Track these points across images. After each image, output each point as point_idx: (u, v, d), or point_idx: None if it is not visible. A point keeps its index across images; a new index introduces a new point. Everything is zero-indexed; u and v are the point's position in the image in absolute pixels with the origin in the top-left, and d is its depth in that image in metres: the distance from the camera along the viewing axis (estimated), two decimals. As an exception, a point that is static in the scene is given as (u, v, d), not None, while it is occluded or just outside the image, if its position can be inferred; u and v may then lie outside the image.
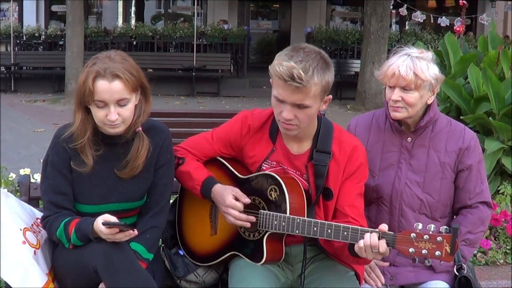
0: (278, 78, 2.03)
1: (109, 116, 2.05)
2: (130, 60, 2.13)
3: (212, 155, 2.41)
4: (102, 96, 2.04)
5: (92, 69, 2.05)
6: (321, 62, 2.04)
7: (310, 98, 2.04)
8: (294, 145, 2.26)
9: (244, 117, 2.34)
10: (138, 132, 2.19)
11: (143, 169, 2.20)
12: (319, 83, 2.03)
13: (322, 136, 2.23)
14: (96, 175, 2.17)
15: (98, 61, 2.07)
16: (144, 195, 2.26)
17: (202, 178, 2.29)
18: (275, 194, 2.16)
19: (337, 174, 2.20)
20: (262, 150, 2.29)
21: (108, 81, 2.03)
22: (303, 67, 1.99)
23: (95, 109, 2.07)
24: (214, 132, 2.41)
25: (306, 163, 2.23)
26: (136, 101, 2.15)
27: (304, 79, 1.98)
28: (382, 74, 2.37)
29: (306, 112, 2.08)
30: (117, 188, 2.19)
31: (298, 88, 2.01)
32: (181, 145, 2.45)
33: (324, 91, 2.07)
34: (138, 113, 2.16)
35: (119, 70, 2.05)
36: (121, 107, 2.07)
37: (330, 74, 2.06)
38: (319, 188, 2.19)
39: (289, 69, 1.99)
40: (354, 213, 2.19)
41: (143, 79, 2.16)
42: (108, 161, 2.18)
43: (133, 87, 2.08)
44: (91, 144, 2.15)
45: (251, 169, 2.32)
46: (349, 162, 2.20)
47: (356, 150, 2.22)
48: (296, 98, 2.04)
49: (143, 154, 2.18)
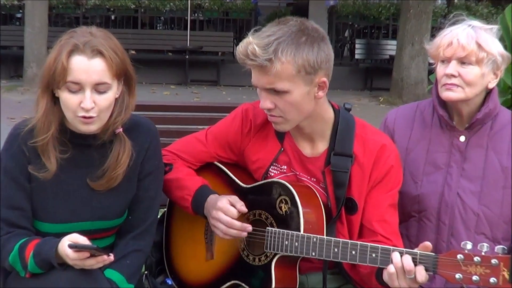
0: (241, 60, 2.09)
1: (83, 102, 2.04)
2: (115, 40, 2.14)
3: (207, 160, 2.42)
4: (77, 76, 2.03)
5: (67, 42, 2.05)
6: (296, 36, 2.06)
7: (283, 81, 2.07)
8: (306, 146, 2.28)
9: (244, 111, 2.36)
10: (118, 134, 2.19)
11: (124, 179, 2.20)
12: (292, 62, 2.04)
13: (340, 134, 2.23)
14: (63, 185, 2.17)
15: (75, 34, 2.08)
16: (124, 211, 2.26)
17: (194, 187, 2.30)
18: (285, 207, 2.16)
19: (361, 181, 2.20)
20: (268, 152, 2.31)
21: (87, 58, 2.03)
22: (262, 42, 2.03)
23: (66, 95, 2.06)
24: (209, 131, 2.43)
25: (323, 168, 2.24)
26: (117, 92, 2.14)
27: (261, 56, 2.02)
28: (435, 45, 2.38)
29: (286, 99, 2.10)
30: (90, 202, 2.19)
31: (262, 69, 2.05)
32: (168, 148, 2.46)
33: (306, 72, 2.08)
34: (119, 108, 2.15)
35: (102, 46, 2.05)
36: (99, 94, 2.06)
37: (312, 50, 2.06)
38: (340, 199, 2.19)
39: (246, 45, 2.05)
40: (386, 230, 2.19)
41: (129, 66, 2.16)
42: (78, 167, 2.18)
43: (116, 71, 2.09)
44: (55, 143, 2.14)
45: (255, 176, 2.33)
46: (376, 165, 2.21)
47: (385, 149, 2.22)
48: (264, 81, 2.09)
49: (124, 161, 2.18)
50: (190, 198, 2.29)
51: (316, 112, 2.20)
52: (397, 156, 2.26)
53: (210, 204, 2.24)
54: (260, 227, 2.21)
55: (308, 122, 2.21)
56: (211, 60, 14.17)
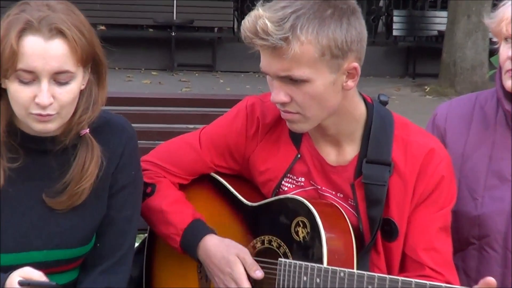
0: (248, 38, 2.08)
1: (38, 97, 2.04)
2: (81, 15, 2.14)
3: (201, 171, 2.43)
4: (31, 63, 2.02)
5: (17, 18, 2.05)
6: (320, 8, 2.06)
7: (302, 66, 2.06)
8: (330, 151, 2.28)
9: (249, 106, 2.37)
10: (84, 136, 2.21)
11: (91, 195, 2.21)
12: (314, 42, 2.04)
13: (375, 136, 2.24)
14: (12, 204, 2.17)
15: (28, 7, 2.08)
16: (91, 237, 2.27)
17: (182, 223, 2.32)
18: (303, 231, 2.17)
19: (403, 197, 2.21)
20: (280, 160, 2.31)
21: (44, 39, 2.03)
22: (275, 16, 2.03)
23: (16, 86, 2.06)
24: (203, 133, 2.43)
25: (352, 180, 2.24)
26: (83, 82, 2.15)
27: (274, 34, 2.01)
28: (497, 18, 2.39)
29: (306, 91, 2.10)
30: (47, 225, 2.19)
31: (275, 51, 2.05)
32: (148, 157, 2.47)
33: (332, 55, 2.08)
34: (86, 104, 2.16)
35: (64, 24, 2.05)
36: (60, 86, 2.07)
37: (339, 27, 2.07)
38: (375, 221, 2.20)
39: (254, 20, 2.04)
40: (435, 260, 2.20)
41: (98, 49, 2.16)
42: (31, 180, 2.19)
43: (82, 56, 2.09)
44: (2, 149, 2.14)
45: (264, 191, 2.34)
46: (422, 176, 2.21)
47: (433, 155, 2.22)
48: (278, 67, 2.08)
49: (91, 172, 2.18)
50: (179, 239, 2.31)
51: (344, 107, 2.20)
52: (449, 164, 2.26)
53: (212, 257, 2.25)
54: (270, 258, 2.22)
55: (333, 120, 2.21)
56: (205, 39, 14.23)
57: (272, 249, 2.23)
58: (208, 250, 2.27)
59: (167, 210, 2.34)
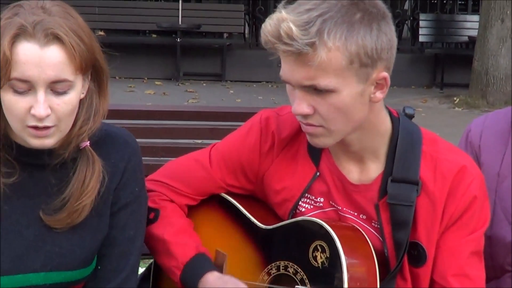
0: (269, 43, 2.07)
1: (34, 108, 2.04)
2: (79, 18, 2.14)
3: (211, 191, 2.44)
4: (25, 72, 2.02)
5: (10, 23, 2.04)
6: (348, 12, 2.05)
7: (329, 75, 2.05)
8: (353, 168, 2.29)
9: (264, 120, 2.38)
10: (84, 149, 2.21)
11: (92, 213, 2.21)
12: (342, 48, 2.04)
13: (401, 152, 2.24)
14: (7, 222, 2.18)
15: (21, 10, 2.08)
16: (92, 258, 2.28)
17: (184, 257, 2.33)
18: (322, 256, 2.17)
19: (432, 219, 2.21)
20: (297, 178, 2.32)
21: (39, 45, 2.03)
22: (300, 19, 2.01)
23: (10, 97, 2.07)
24: (214, 149, 2.44)
25: (377, 201, 2.25)
26: (83, 91, 2.16)
27: (299, 39, 2.00)
28: None
29: (332, 102, 2.09)
30: (44, 245, 2.20)
31: (299, 57, 2.04)
32: (154, 176, 2.48)
33: (361, 64, 2.08)
34: (86, 114, 2.17)
35: (61, 29, 2.05)
36: (57, 96, 2.07)
37: (369, 33, 2.07)
38: (401, 244, 2.20)
39: (277, 23, 2.03)
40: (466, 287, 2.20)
41: (99, 55, 2.17)
42: (28, 196, 2.20)
43: (81, 63, 2.09)
44: None
45: (279, 212, 2.35)
46: (453, 196, 2.21)
47: (465, 174, 2.22)
48: (302, 75, 2.07)
49: (92, 187, 2.19)
50: (179, 273, 2.32)
51: (370, 121, 2.20)
52: (482, 183, 2.26)
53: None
54: (286, 285, 2.22)
55: (357, 135, 2.21)
56: (213, 45, 14.26)
57: (288, 276, 2.23)
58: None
59: (170, 241, 2.35)
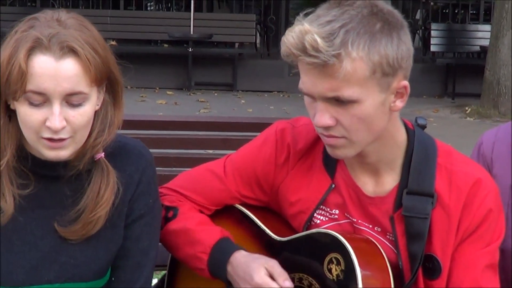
0: (292, 56, 2.06)
1: (50, 120, 2.05)
2: (94, 31, 2.15)
3: (225, 202, 2.44)
4: (41, 84, 2.03)
5: (26, 36, 2.06)
6: (369, 22, 2.05)
7: (352, 86, 2.05)
8: (368, 181, 2.28)
9: (279, 132, 2.38)
10: (98, 160, 2.22)
11: (106, 225, 2.22)
12: (365, 58, 2.04)
13: (417, 164, 2.24)
14: (22, 233, 2.19)
15: (37, 23, 2.08)
16: (106, 269, 2.28)
17: (210, 240, 2.32)
18: (337, 269, 2.17)
19: (447, 232, 2.20)
20: (312, 190, 2.32)
21: (55, 58, 2.03)
22: (323, 31, 2.01)
23: (26, 109, 2.07)
24: (229, 160, 2.45)
25: (392, 213, 2.25)
26: (98, 103, 2.16)
27: (325, 50, 2.00)
28: None
29: (354, 112, 2.09)
30: (59, 256, 2.20)
31: (324, 69, 2.03)
32: (169, 185, 2.48)
33: (382, 73, 2.08)
34: (101, 126, 2.18)
35: (76, 41, 2.06)
36: (73, 108, 2.08)
37: (391, 42, 2.08)
38: (416, 257, 2.19)
39: (301, 35, 2.02)
40: (481, 301, 2.19)
41: (114, 67, 2.17)
42: (43, 207, 2.21)
43: (96, 76, 2.09)
44: (12, 175, 2.16)
45: (294, 224, 2.34)
46: (468, 208, 2.20)
47: (480, 186, 2.21)
48: (326, 87, 2.06)
49: (107, 199, 2.19)
50: (206, 257, 2.30)
51: (388, 131, 2.20)
52: (497, 196, 2.25)
53: (238, 269, 2.25)
54: (300, 296, 2.22)
55: (375, 146, 2.20)
56: (224, 55, 14.27)
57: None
58: (236, 266, 2.27)
59: (193, 229, 2.35)
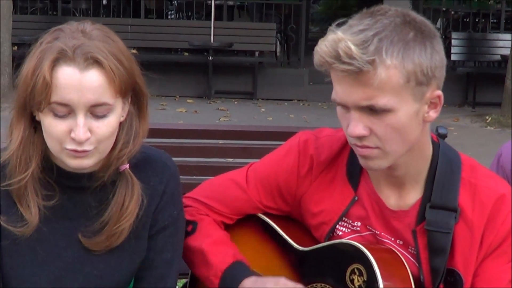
0: (326, 64, 2.05)
1: (74, 132, 2.05)
2: (119, 42, 2.15)
3: (247, 211, 2.45)
4: (65, 95, 2.03)
5: (50, 47, 2.06)
6: (403, 31, 2.05)
7: (387, 94, 2.03)
8: (391, 194, 2.28)
9: (302, 143, 2.38)
10: (123, 172, 2.22)
11: (131, 236, 2.23)
12: (399, 66, 2.03)
13: (441, 178, 2.23)
14: (46, 244, 2.19)
15: (62, 34, 2.08)
16: (129, 280, 2.30)
17: (222, 264, 2.32)
18: (359, 280, 2.17)
19: (470, 246, 2.20)
20: (335, 201, 2.32)
21: (79, 69, 2.03)
22: (357, 39, 2.00)
23: (50, 120, 2.07)
24: (251, 170, 2.45)
25: (414, 227, 2.24)
26: (123, 114, 2.17)
27: (359, 58, 1.99)
28: None
29: (389, 122, 2.07)
30: (83, 267, 2.21)
31: (358, 77, 2.01)
32: (191, 194, 2.49)
33: (417, 82, 2.06)
34: (126, 137, 2.18)
35: (100, 52, 2.04)
36: (97, 119, 2.08)
37: (424, 51, 2.06)
38: (438, 271, 2.19)
39: (334, 43, 2.01)
40: (505, 317, 2.18)
41: (139, 78, 2.17)
42: (67, 219, 2.22)
43: (120, 87, 2.09)
44: (37, 186, 2.17)
45: (316, 234, 2.35)
46: (492, 224, 2.19)
47: (504, 202, 2.20)
48: (360, 95, 2.04)
49: (131, 210, 2.20)
50: (217, 281, 2.31)
51: (419, 143, 2.18)
52: None
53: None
54: (322, 307, 2.23)
55: (405, 159, 2.18)
56: (245, 63, 14.28)
57: (324, 298, 2.24)
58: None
59: (208, 250, 2.35)
